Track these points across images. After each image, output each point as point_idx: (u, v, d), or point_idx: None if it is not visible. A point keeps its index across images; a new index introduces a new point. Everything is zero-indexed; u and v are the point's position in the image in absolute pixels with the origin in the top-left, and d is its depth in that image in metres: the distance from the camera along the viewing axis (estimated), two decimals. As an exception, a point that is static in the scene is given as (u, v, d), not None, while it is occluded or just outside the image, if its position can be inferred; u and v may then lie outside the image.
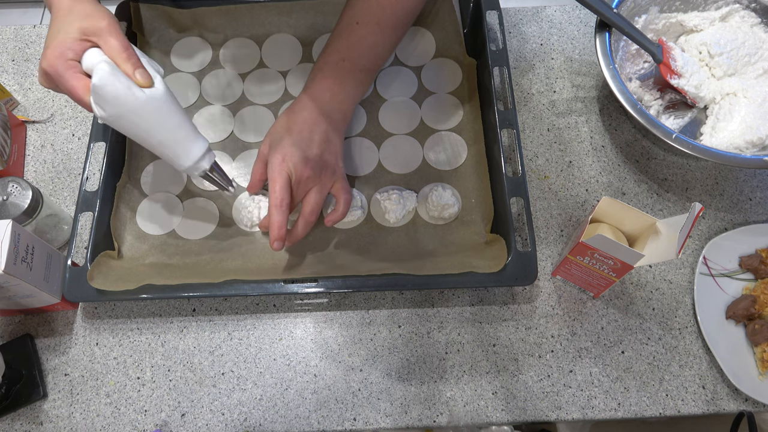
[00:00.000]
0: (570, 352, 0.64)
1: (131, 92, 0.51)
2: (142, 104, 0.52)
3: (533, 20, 0.84)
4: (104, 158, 0.68)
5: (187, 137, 0.56)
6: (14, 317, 0.67)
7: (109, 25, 0.52)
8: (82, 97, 0.51)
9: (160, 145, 0.55)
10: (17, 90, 0.80)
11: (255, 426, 0.62)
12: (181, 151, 0.56)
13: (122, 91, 0.51)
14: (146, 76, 0.52)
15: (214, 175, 0.60)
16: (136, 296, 0.62)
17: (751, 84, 0.72)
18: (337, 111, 0.66)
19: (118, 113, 0.52)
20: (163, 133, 0.54)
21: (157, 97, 0.53)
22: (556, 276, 0.67)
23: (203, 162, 0.58)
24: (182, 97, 0.76)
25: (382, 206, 0.69)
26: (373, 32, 0.65)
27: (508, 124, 0.68)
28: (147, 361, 0.64)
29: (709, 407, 0.62)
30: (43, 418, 0.62)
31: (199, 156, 0.57)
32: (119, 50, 0.51)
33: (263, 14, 0.79)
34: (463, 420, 0.62)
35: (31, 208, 0.63)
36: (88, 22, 0.52)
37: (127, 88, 0.51)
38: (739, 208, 0.71)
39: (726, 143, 0.68)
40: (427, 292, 0.67)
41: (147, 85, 0.52)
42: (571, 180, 0.73)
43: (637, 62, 0.76)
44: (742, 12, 0.74)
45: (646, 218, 0.58)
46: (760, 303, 0.63)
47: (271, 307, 0.67)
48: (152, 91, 0.52)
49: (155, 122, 0.54)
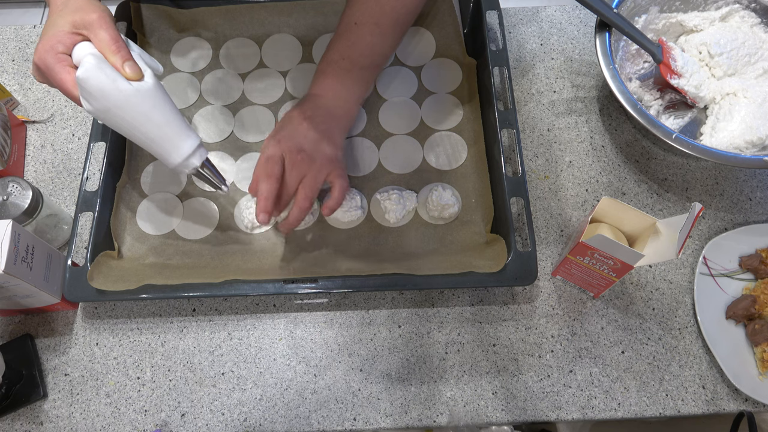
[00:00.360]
0: (570, 352, 0.64)
1: (116, 85, 0.50)
2: (127, 97, 0.51)
3: (533, 20, 0.84)
4: (104, 158, 0.68)
5: (176, 133, 0.55)
6: (14, 317, 0.67)
7: (99, 18, 0.52)
8: (71, 90, 0.51)
9: (149, 141, 0.54)
10: (17, 90, 0.80)
11: (255, 426, 0.62)
12: (170, 147, 0.55)
13: (107, 84, 0.50)
14: (135, 69, 0.51)
15: (205, 172, 0.59)
16: (136, 296, 0.62)
17: (751, 84, 0.72)
18: (339, 108, 0.66)
19: (105, 106, 0.51)
20: (151, 128, 0.53)
21: (144, 91, 0.52)
22: (556, 276, 0.67)
23: (194, 159, 0.57)
24: (182, 96, 0.76)
25: (382, 206, 0.69)
26: (372, 32, 0.65)
27: (508, 124, 0.68)
28: (147, 361, 0.64)
29: (709, 407, 0.62)
30: (43, 418, 0.62)
31: (190, 152, 0.56)
32: (108, 43, 0.51)
33: (263, 14, 0.79)
34: (463, 420, 0.62)
35: (31, 208, 0.63)
36: (79, 15, 0.52)
37: (112, 81, 0.50)
38: (739, 208, 0.71)
39: (726, 143, 0.68)
40: (427, 292, 0.67)
41: (135, 78, 0.51)
42: (571, 180, 0.73)
43: (637, 62, 0.76)
44: (742, 12, 0.74)
45: (646, 218, 0.58)
46: (760, 303, 0.63)
47: (271, 307, 0.67)
48: (140, 85, 0.52)
49: (142, 116, 0.52)
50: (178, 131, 0.55)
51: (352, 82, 0.67)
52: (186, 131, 0.56)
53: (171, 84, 0.77)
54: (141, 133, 0.54)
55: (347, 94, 0.67)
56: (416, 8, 0.67)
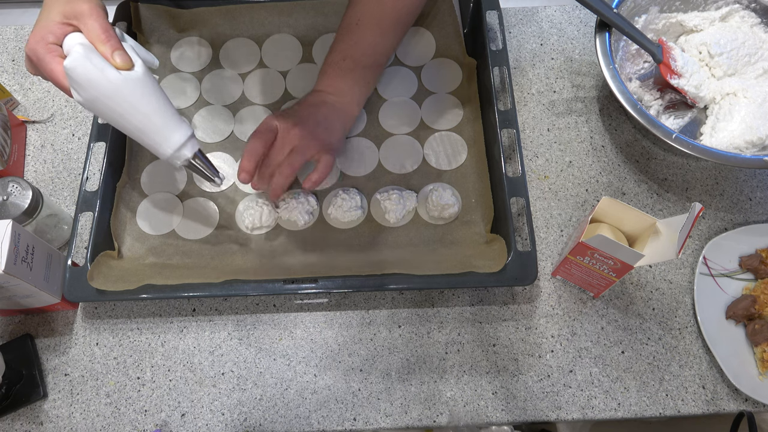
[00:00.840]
0: (570, 352, 0.64)
1: (104, 75, 0.50)
2: (116, 87, 0.50)
3: (533, 20, 0.84)
4: (104, 158, 0.68)
5: (167, 124, 0.54)
6: (14, 317, 0.67)
7: (90, 9, 0.51)
8: (61, 81, 0.51)
9: (139, 132, 0.54)
10: (17, 90, 0.80)
11: (255, 426, 0.62)
12: (161, 138, 0.54)
13: (95, 73, 0.49)
14: (125, 58, 0.50)
15: (197, 163, 0.58)
16: (136, 296, 0.62)
17: (751, 84, 0.72)
18: (341, 103, 0.67)
19: (93, 96, 0.50)
20: (141, 118, 0.52)
21: (133, 80, 0.51)
22: (556, 276, 0.67)
23: (185, 150, 0.55)
24: (182, 96, 0.76)
25: (382, 206, 0.69)
26: (373, 32, 0.66)
27: (508, 124, 0.68)
28: (147, 361, 0.64)
29: (709, 407, 0.62)
30: (43, 418, 0.62)
31: (181, 143, 0.55)
32: (98, 32, 0.50)
33: (263, 14, 0.79)
34: (463, 420, 0.62)
35: (31, 208, 0.63)
36: (69, 6, 0.51)
37: (101, 71, 0.49)
38: (739, 208, 0.71)
39: (726, 143, 0.68)
40: (427, 292, 0.67)
41: (125, 67, 0.51)
42: (571, 180, 0.73)
43: (637, 62, 0.76)
44: (742, 12, 0.74)
45: (646, 218, 0.57)
46: (760, 303, 0.63)
47: (271, 307, 0.67)
48: (129, 74, 0.51)
49: (131, 106, 0.52)
50: (169, 122, 0.54)
51: (353, 81, 0.68)
52: (177, 122, 0.55)
53: (171, 84, 0.77)
54: (130, 123, 0.53)
55: (350, 93, 0.68)
56: (417, 8, 0.67)
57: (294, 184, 0.71)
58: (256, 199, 0.70)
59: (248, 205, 0.69)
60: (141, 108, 0.52)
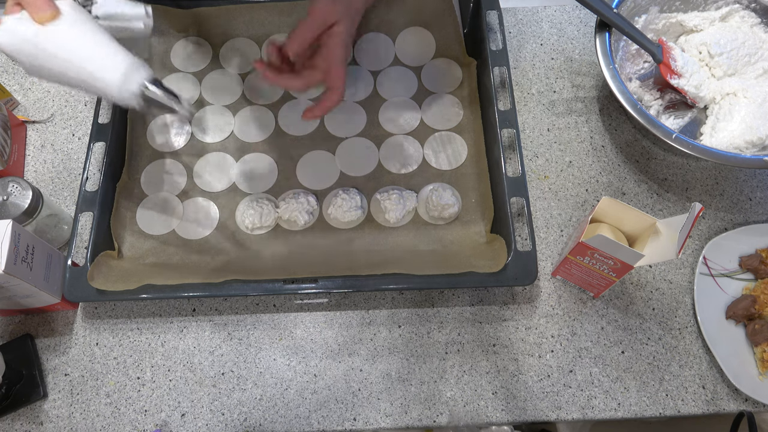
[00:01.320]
0: (570, 352, 0.64)
1: (30, 36, 0.48)
2: (44, 41, 0.49)
3: (533, 20, 0.84)
4: (104, 158, 0.68)
5: (108, 54, 0.51)
6: (14, 317, 0.67)
7: None
8: None
9: (85, 76, 0.50)
10: (17, 90, 0.80)
11: (255, 426, 0.62)
12: (104, 73, 0.50)
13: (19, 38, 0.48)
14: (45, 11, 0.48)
15: (151, 93, 0.53)
16: (136, 296, 0.62)
17: (751, 84, 0.72)
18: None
19: (30, 63, 0.49)
20: (79, 61, 0.50)
21: (61, 29, 0.49)
22: (556, 276, 0.67)
23: (135, 76, 0.51)
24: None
25: (382, 206, 0.69)
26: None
27: (508, 124, 0.68)
28: (147, 361, 0.64)
29: (709, 407, 0.62)
30: (43, 418, 0.62)
31: (125, 69, 0.51)
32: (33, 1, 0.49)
33: (263, 14, 0.79)
34: (463, 420, 0.62)
35: (31, 208, 0.63)
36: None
37: (23, 34, 0.48)
38: (739, 208, 0.71)
39: (726, 143, 0.68)
40: (427, 292, 0.67)
41: (48, 19, 0.49)
42: (571, 180, 0.73)
43: (637, 62, 0.76)
44: (742, 12, 0.74)
45: (646, 218, 0.58)
46: (760, 303, 0.63)
47: (271, 307, 0.67)
48: (55, 24, 0.49)
49: (66, 52, 0.50)
50: (110, 53, 0.51)
51: None
52: (120, 53, 0.52)
53: (171, 84, 0.77)
54: (74, 72, 0.50)
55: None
56: None
57: (294, 184, 0.71)
58: (257, 199, 0.70)
59: (248, 205, 0.69)
60: (77, 50, 0.50)
